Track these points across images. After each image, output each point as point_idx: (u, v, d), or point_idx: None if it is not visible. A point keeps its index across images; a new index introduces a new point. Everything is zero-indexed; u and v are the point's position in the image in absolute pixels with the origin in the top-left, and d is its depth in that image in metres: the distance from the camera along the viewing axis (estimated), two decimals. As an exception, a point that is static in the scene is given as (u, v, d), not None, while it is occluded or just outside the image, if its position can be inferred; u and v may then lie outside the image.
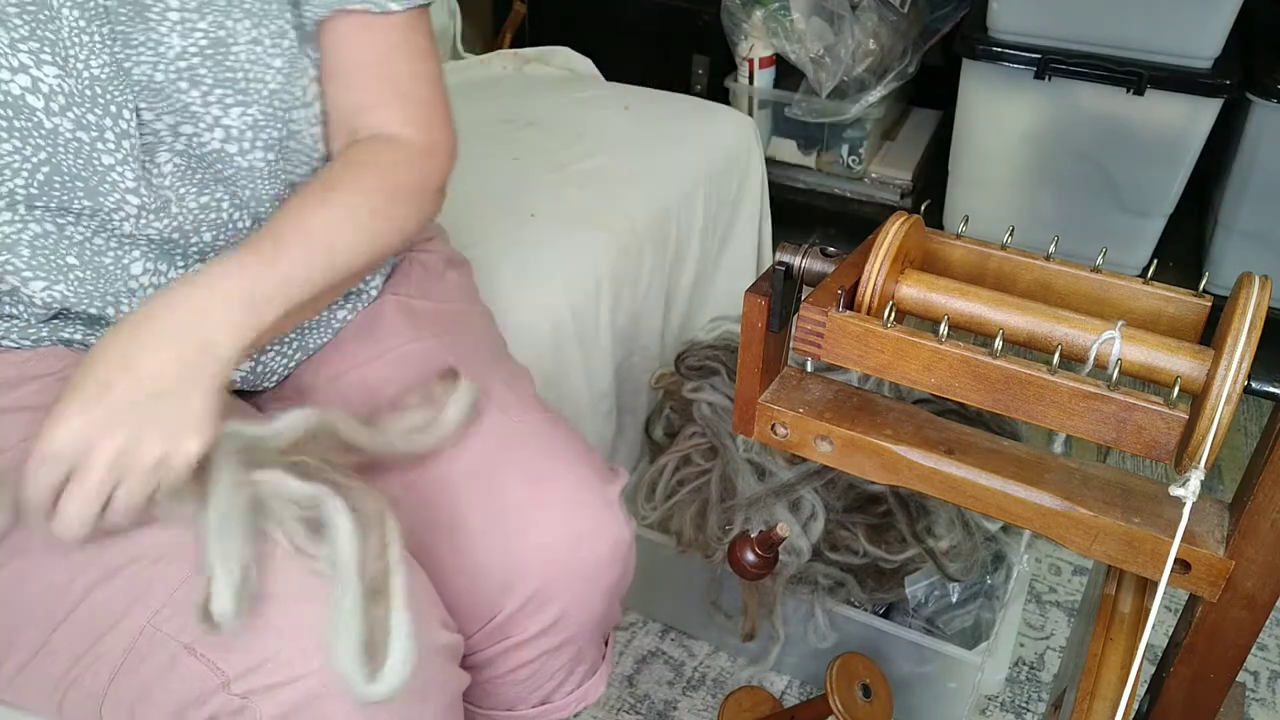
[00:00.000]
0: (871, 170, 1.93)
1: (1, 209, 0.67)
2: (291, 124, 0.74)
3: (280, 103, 0.72)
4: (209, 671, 0.59)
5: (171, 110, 0.69)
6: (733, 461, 1.16)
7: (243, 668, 0.58)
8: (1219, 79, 1.53)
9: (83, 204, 0.68)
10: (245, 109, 0.71)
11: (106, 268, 0.71)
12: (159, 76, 0.68)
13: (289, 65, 0.72)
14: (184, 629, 0.60)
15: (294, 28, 0.73)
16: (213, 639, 0.59)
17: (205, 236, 0.74)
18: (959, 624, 1.18)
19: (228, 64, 0.69)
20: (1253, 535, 0.50)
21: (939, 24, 1.86)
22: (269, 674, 0.58)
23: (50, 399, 0.60)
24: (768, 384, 0.61)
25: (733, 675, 1.29)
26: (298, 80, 0.73)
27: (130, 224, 0.70)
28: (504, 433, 0.78)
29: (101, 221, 0.70)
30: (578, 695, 0.83)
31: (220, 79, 0.69)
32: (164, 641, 0.60)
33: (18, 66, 0.63)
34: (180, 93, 0.69)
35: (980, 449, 0.57)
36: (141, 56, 0.67)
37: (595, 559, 0.76)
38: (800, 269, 0.59)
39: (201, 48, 0.68)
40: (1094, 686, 0.62)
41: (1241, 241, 1.67)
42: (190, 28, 0.68)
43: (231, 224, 0.75)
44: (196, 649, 0.59)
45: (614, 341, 1.26)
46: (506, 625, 0.76)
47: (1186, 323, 0.57)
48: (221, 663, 0.59)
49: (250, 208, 0.76)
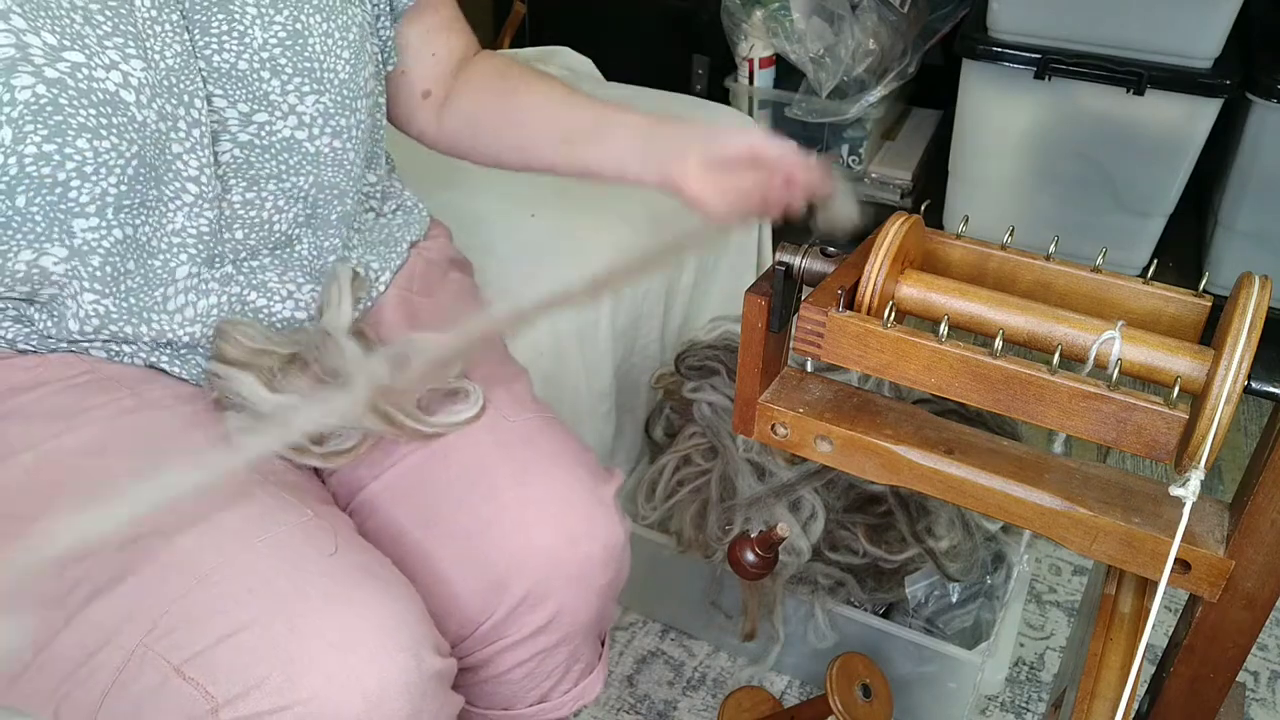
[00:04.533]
0: (871, 170, 1.93)
1: (90, 214, 0.67)
2: (357, 112, 0.79)
3: (348, 91, 0.77)
4: (199, 695, 0.58)
5: (249, 98, 0.72)
6: (733, 461, 1.16)
7: (231, 693, 0.58)
8: (1219, 79, 1.53)
9: (151, 193, 0.69)
10: (319, 97, 0.75)
11: (155, 271, 0.72)
12: (242, 65, 0.71)
13: (354, 57, 0.77)
14: (175, 649, 0.59)
15: (382, 13, 0.83)
16: (200, 663, 0.58)
17: (237, 234, 0.75)
18: (959, 624, 1.18)
19: (306, 54, 0.73)
20: (1253, 535, 0.50)
21: (939, 24, 1.86)
22: (257, 701, 0.58)
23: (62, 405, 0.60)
24: (768, 384, 0.61)
25: (733, 675, 1.29)
26: (361, 71, 0.78)
27: (183, 214, 0.71)
28: (499, 432, 0.78)
29: (160, 216, 0.70)
30: (574, 694, 0.83)
31: (299, 68, 0.73)
32: (155, 661, 0.59)
33: (109, 63, 0.64)
34: (262, 81, 0.72)
35: (980, 449, 0.57)
36: (225, 45, 0.70)
37: (589, 559, 0.76)
38: (800, 269, 0.59)
39: (281, 39, 0.72)
40: (1094, 686, 0.62)
41: (1241, 241, 1.67)
42: (269, 21, 0.72)
43: (266, 224, 0.76)
44: (186, 671, 0.58)
45: (614, 341, 1.26)
46: (501, 625, 0.76)
47: (1186, 323, 0.57)
48: (211, 687, 0.58)
49: (293, 202, 0.77)
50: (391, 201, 0.92)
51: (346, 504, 0.78)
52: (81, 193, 0.65)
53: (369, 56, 0.80)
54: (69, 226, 0.66)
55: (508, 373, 0.86)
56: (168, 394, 0.74)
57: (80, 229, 0.67)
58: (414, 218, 0.94)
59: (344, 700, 0.59)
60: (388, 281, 0.88)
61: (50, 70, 0.62)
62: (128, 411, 0.70)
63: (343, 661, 0.59)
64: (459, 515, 0.75)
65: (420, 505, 0.75)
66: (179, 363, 0.76)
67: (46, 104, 0.61)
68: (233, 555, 0.62)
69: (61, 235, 0.66)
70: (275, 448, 0.71)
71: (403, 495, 0.76)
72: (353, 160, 0.80)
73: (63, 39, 0.62)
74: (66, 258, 0.68)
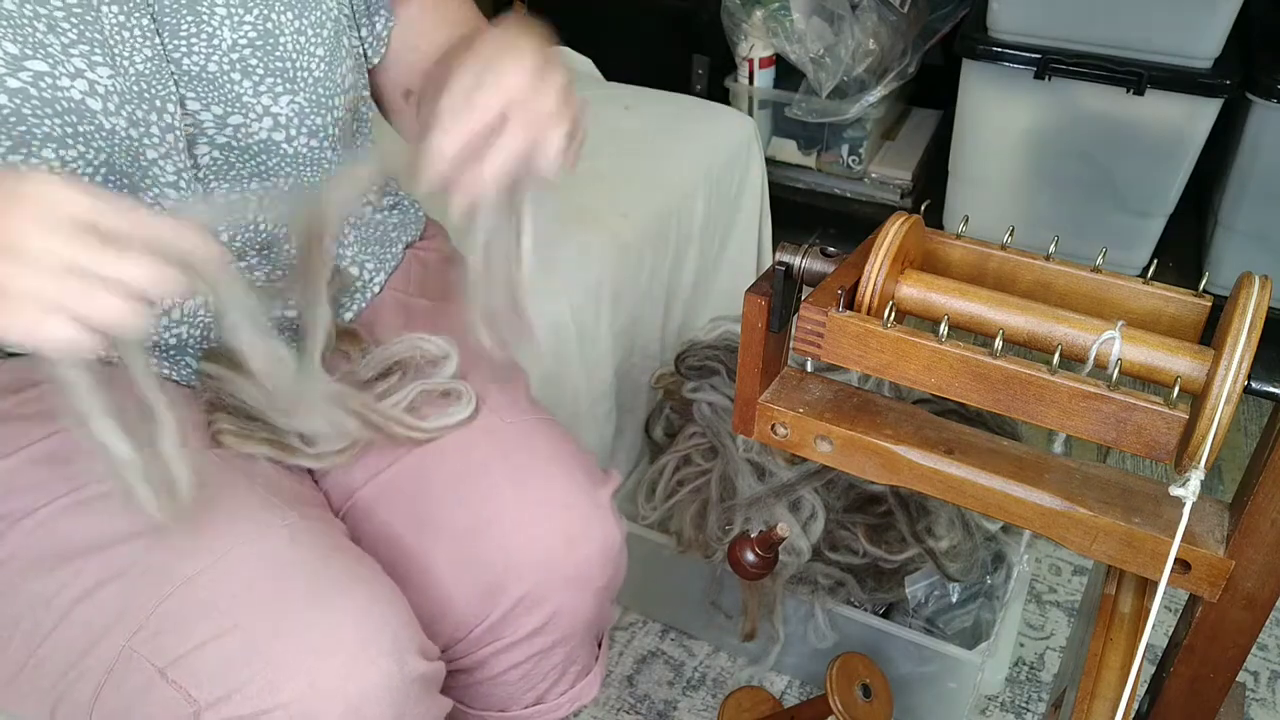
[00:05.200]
0: (871, 170, 1.93)
1: None
2: (335, 110, 0.76)
3: (324, 90, 0.75)
4: (181, 698, 0.58)
5: (221, 100, 0.70)
6: (733, 461, 1.16)
7: (213, 697, 0.58)
8: (1219, 79, 1.53)
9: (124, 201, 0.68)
10: (293, 97, 0.73)
11: None
12: (212, 67, 0.69)
13: (329, 54, 0.75)
14: (159, 652, 0.59)
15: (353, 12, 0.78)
16: (184, 666, 0.58)
17: (223, 236, 0.74)
18: (959, 624, 1.18)
19: (277, 54, 0.71)
20: (1253, 535, 0.50)
21: (939, 24, 1.86)
22: (238, 705, 0.58)
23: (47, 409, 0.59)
24: (768, 384, 0.61)
25: (733, 675, 1.29)
26: (337, 67, 0.76)
27: None
28: (496, 434, 0.78)
29: None
30: (571, 695, 0.83)
31: (271, 69, 0.71)
32: (140, 664, 0.59)
33: (74, 71, 0.63)
34: (233, 83, 0.70)
35: (980, 449, 0.57)
36: (193, 47, 0.68)
37: (586, 561, 0.76)
38: (800, 269, 0.59)
39: (251, 39, 0.70)
40: (1094, 686, 0.62)
41: (1241, 241, 1.67)
42: (239, 21, 0.70)
43: (251, 225, 0.76)
44: (169, 674, 0.59)
45: (614, 341, 1.26)
46: (498, 627, 0.75)
47: (1186, 323, 0.57)
48: (194, 690, 0.58)
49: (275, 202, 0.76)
50: (388, 198, 0.92)
51: (340, 506, 0.78)
52: None
53: (346, 51, 0.77)
54: None
55: (505, 374, 0.86)
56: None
57: None
58: (410, 218, 0.93)
59: (325, 705, 0.59)
60: (382, 283, 0.87)
61: (12, 80, 0.61)
62: None
63: (324, 666, 0.59)
64: (455, 517, 0.75)
65: (416, 507, 0.75)
66: (168, 364, 0.76)
67: (9, 114, 0.61)
68: (218, 558, 0.62)
69: None
70: None
71: (398, 497, 0.76)
72: (330, 159, 0.78)
73: (24, 48, 0.61)
74: None
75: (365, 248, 0.87)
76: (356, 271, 0.85)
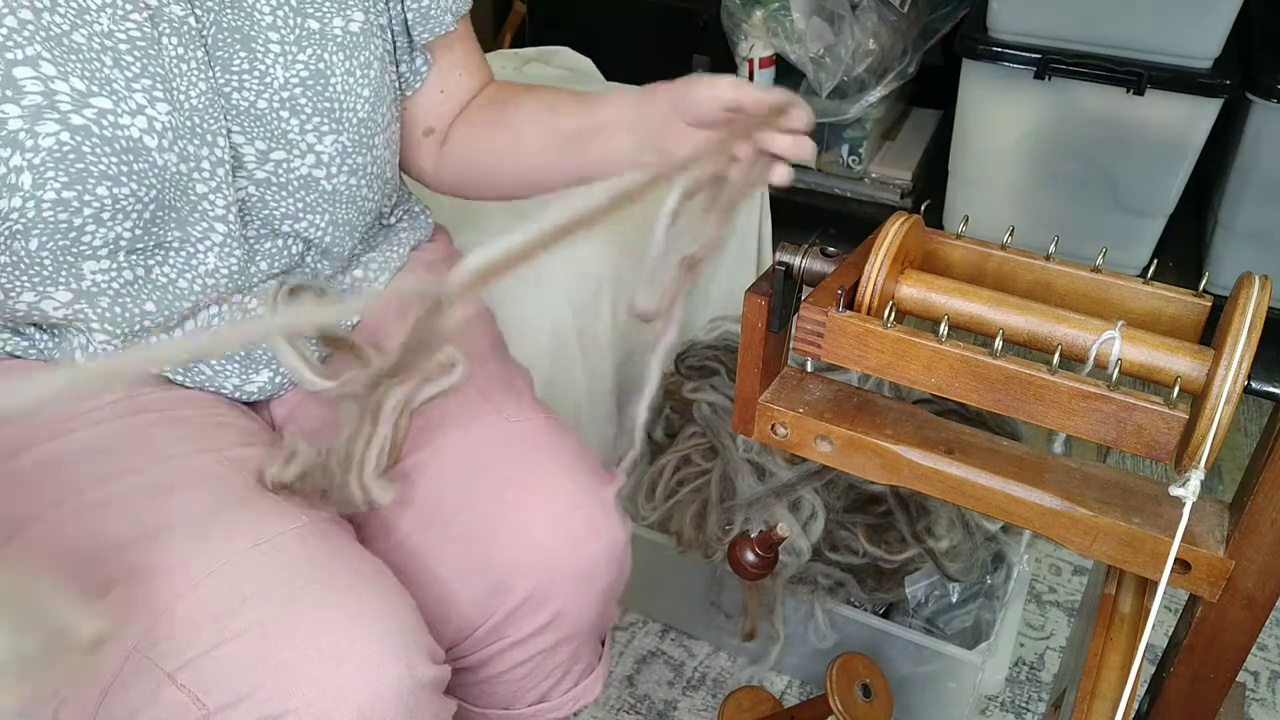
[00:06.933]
0: (871, 170, 1.93)
1: (102, 256, 0.66)
2: (375, 149, 0.77)
3: (366, 130, 0.76)
4: (190, 703, 0.58)
5: (266, 136, 0.70)
6: (733, 461, 1.16)
7: (223, 702, 0.58)
8: (1219, 79, 1.53)
9: (173, 235, 0.69)
10: (337, 136, 0.74)
11: (181, 311, 0.72)
12: (261, 104, 0.70)
13: (374, 94, 0.76)
14: (168, 656, 0.59)
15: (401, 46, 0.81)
16: (193, 670, 0.58)
17: (261, 265, 0.75)
18: (959, 624, 1.18)
19: (326, 94, 0.72)
20: (1253, 535, 0.50)
21: (939, 24, 1.86)
22: (248, 711, 0.58)
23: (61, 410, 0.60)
24: (768, 384, 0.61)
25: (733, 675, 1.29)
26: (379, 108, 0.77)
27: (215, 255, 0.71)
28: (501, 433, 0.78)
29: (186, 258, 0.70)
30: (574, 694, 0.83)
31: (319, 108, 0.72)
32: (149, 667, 0.59)
33: (135, 108, 0.63)
34: (281, 120, 0.71)
35: (980, 449, 0.57)
36: (245, 83, 0.69)
37: (591, 560, 0.76)
38: (800, 269, 0.59)
39: (303, 79, 0.71)
40: (1094, 686, 0.62)
41: (1241, 241, 1.67)
42: (292, 59, 0.70)
43: (286, 252, 0.76)
44: (178, 679, 0.58)
45: (614, 341, 1.26)
46: (502, 625, 0.76)
47: (1186, 323, 0.57)
48: (203, 695, 0.58)
49: (307, 239, 0.77)
50: (400, 209, 0.92)
51: None
52: (95, 237, 0.65)
53: (388, 89, 0.78)
54: (78, 269, 0.66)
55: (509, 373, 0.86)
56: (171, 398, 0.74)
57: (90, 271, 0.67)
58: (419, 223, 0.94)
59: (336, 711, 0.58)
60: (385, 282, 0.88)
61: (76, 117, 0.61)
62: (127, 414, 0.70)
63: (335, 671, 0.59)
64: (460, 516, 0.75)
65: (420, 506, 0.75)
66: (182, 372, 0.76)
67: (69, 151, 0.61)
68: (226, 562, 0.62)
69: (68, 279, 0.66)
70: None
71: (402, 497, 0.76)
72: (366, 197, 0.79)
73: (91, 84, 0.62)
74: (69, 301, 0.67)
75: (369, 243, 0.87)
76: (361, 273, 0.86)
